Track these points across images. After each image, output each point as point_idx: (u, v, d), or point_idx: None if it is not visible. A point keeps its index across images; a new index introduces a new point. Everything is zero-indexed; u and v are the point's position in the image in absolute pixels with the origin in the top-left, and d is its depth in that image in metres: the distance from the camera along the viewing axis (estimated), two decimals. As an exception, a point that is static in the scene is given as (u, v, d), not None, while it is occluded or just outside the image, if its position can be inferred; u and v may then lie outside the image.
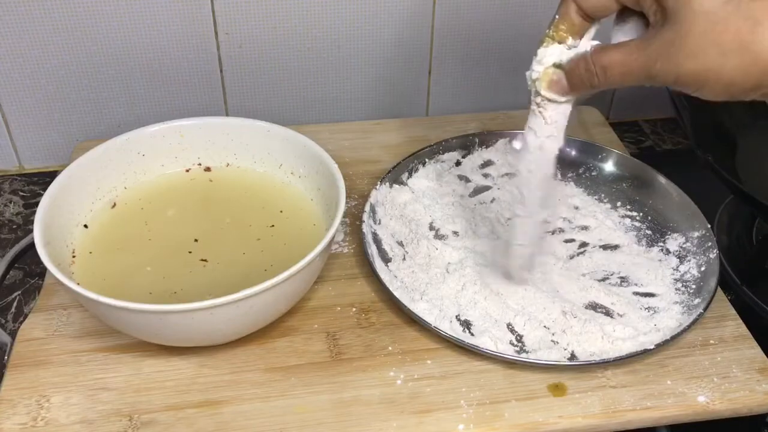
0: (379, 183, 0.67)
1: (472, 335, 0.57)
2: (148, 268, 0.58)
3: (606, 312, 0.59)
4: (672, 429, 0.56)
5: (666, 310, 0.59)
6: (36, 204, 0.57)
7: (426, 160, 0.72)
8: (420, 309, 0.58)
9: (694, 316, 0.57)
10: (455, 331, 0.56)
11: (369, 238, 0.63)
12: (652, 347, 0.54)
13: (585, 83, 0.47)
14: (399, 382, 0.54)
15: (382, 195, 0.67)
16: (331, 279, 0.62)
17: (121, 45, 0.75)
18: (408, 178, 0.70)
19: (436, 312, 0.58)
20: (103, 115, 0.79)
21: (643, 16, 0.45)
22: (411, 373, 0.55)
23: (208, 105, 0.81)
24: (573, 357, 0.55)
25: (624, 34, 0.47)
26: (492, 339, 0.56)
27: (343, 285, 0.62)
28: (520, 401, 0.53)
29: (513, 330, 0.57)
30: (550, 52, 0.48)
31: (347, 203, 0.64)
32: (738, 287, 0.65)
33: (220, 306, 0.49)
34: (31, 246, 0.56)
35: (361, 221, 0.63)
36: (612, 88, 0.47)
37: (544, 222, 0.56)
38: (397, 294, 0.58)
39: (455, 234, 0.66)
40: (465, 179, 0.72)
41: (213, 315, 0.49)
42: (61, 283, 0.49)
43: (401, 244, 0.64)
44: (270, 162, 0.66)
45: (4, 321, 0.64)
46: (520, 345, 0.56)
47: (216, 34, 0.76)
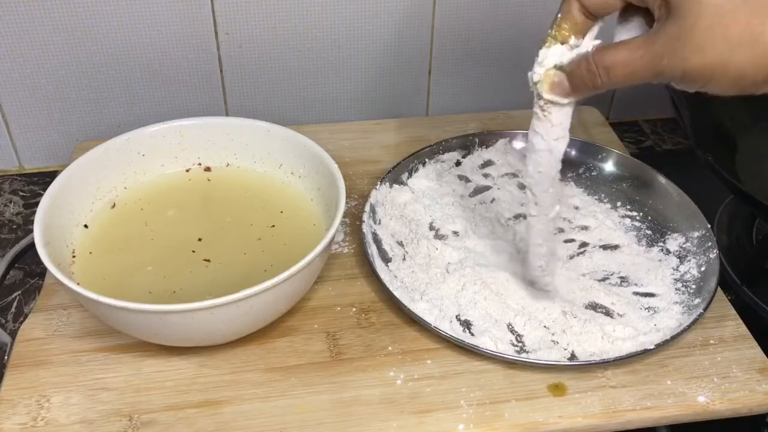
0: (379, 183, 0.67)
1: (472, 335, 0.57)
2: (149, 267, 0.58)
3: (606, 312, 0.59)
4: (672, 429, 0.56)
5: (666, 310, 0.59)
6: (36, 204, 0.57)
7: (426, 160, 0.72)
8: (420, 309, 0.58)
9: (694, 316, 0.57)
10: (455, 331, 0.56)
11: (369, 238, 0.63)
12: (652, 347, 0.54)
13: (587, 84, 0.46)
14: (399, 382, 0.54)
15: (382, 195, 0.67)
16: (331, 279, 0.62)
17: (121, 45, 0.75)
18: (408, 178, 0.70)
19: (436, 312, 0.58)
20: (103, 115, 0.79)
21: (647, 13, 0.45)
22: (411, 373, 0.55)
23: (208, 105, 0.81)
24: (573, 357, 0.55)
25: (627, 31, 0.46)
26: (492, 339, 0.56)
27: (343, 285, 0.62)
28: (520, 401, 0.53)
29: (513, 330, 0.57)
30: (551, 53, 0.47)
31: (347, 203, 0.64)
32: (738, 287, 0.65)
33: (220, 306, 0.49)
34: (31, 246, 0.56)
35: (361, 221, 0.63)
36: (615, 88, 0.45)
37: (555, 219, 0.55)
38: (397, 294, 0.58)
39: (455, 234, 0.66)
40: (465, 179, 0.72)
41: (213, 315, 0.49)
42: (61, 283, 0.49)
43: (401, 244, 0.64)
44: (270, 162, 0.66)
45: (4, 321, 0.64)
46: (520, 345, 0.56)
47: (216, 34, 0.76)
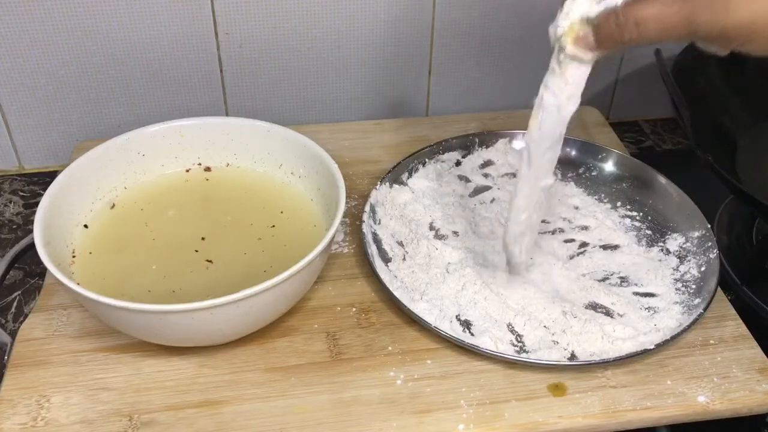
0: (379, 183, 0.67)
1: (472, 335, 0.57)
2: (153, 266, 0.58)
3: (606, 312, 0.59)
4: (672, 429, 0.56)
5: (666, 310, 0.59)
6: (36, 204, 0.57)
7: (426, 160, 0.72)
8: (420, 309, 0.58)
9: (694, 316, 0.57)
10: (455, 331, 0.56)
11: (369, 238, 0.63)
12: (652, 347, 0.54)
13: (615, 39, 0.43)
14: (399, 382, 0.54)
15: (382, 195, 0.67)
16: (331, 279, 0.62)
17: (121, 45, 0.75)
18: (408, 178, 0.70)
19: (436, 312, 0.58)
20: (103, 115, 0.79)
21: None
22: (411, 373, 0.55)
23: (208, 105, 0.81)
24: (573, 357, 0.55)
25: None
26: (492, 339, 0.56)
27: (343, 285, 0.62)
28: (520, 401, 0.53)
29: (513, 330, 0.57)
30: (577, 4, 0.44)
31: (347, 203, 0.64)
32: (738, 287, 0.65)
33: (220, 306, 0.49)
34: (31, 246, 0.56)
35: (361, 221, 0.63)
36: (645, 44, 0.43)
37: (544, 189, 0.54)
38: (397, 294, 0.58)
39: (455, 234, 0.66)
40: (465, 179, 0.72)
41: (213, 315, 0.49)
42: (61, 283, 0.49)
43: (401, 244, 0.64)
44: (270, 162, 0.66)
45: (4, 321, 0.64)
46: (520, 345, 0.56)
47: (216, 34, 0.76)
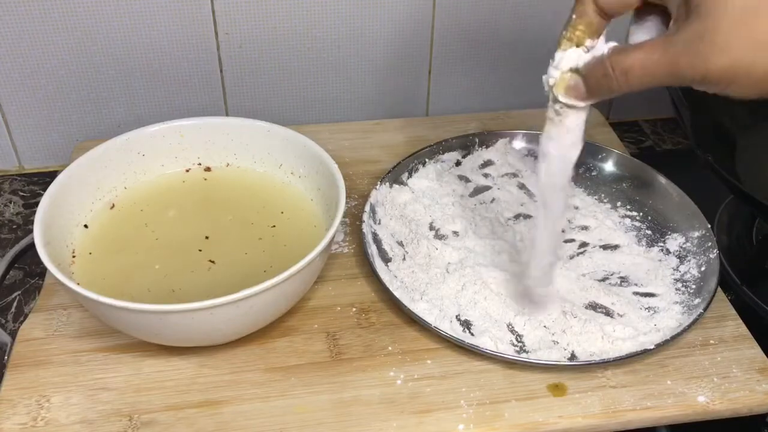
0: (379, 183, 0.67)
1: (472, 335, 0.57)
2: (156, 266, 0.58)
3: (606, 312, 0.59)
4: (672, 429, 0.56)
5: (666, 310, 0.59)
6: (36, 204, 0.57)
7: (426, 160, 0.72)
8: (420, 309, 0.58)
9: (694, 316, 0.57)
10: (455, 331, 0.56)
11: (369, 238, 0.63)
12: (652, 347, 0.54)
13: (604, 88, 0.44)
14: (399, 382, 0.54)
15: (382, 195, 0.67)
16: (331, 279, 0.62)
17: (121, 45, 0.75)
18: (408, 178, 0.70)
19: (436, 312, 0.58)
20: (103, 115, 0.79)
21: (664, 12, 0.43)
22: (411, 373, 0.55)
23: (208, 105, 0.81)
24: (573, 357, 0.55)
25: (643, 32, 0.45)
26: (492, 339, 0.56)
27: (343, 285, 0.62)
28: (520, 401, 0.53)
29: (513, 330, 0.57)
30: (567, 56, 0.46)
31: (347, 203, 0.64)
32: (738, 287, 0.65)
33: (220, 306, 0.48)
34: (31, 246, 0.56)
35: (361, 221, 0.63)
36: (632, 91, 0.44)
37: (562, 229, 0.54)
38: (397, 294, 0.58)
39: (455, 234, 0.66)
40: (465, 179, 0.72)
41: (213, 315, 0.49)
42: (61, 283, 0.49)
43: (401, 244, 0.64)
44: (270, 162, 0.66)
45: (4, 321, 0.64)
46: (520, 345, 0.56)
47: (216, 34, 0.76)
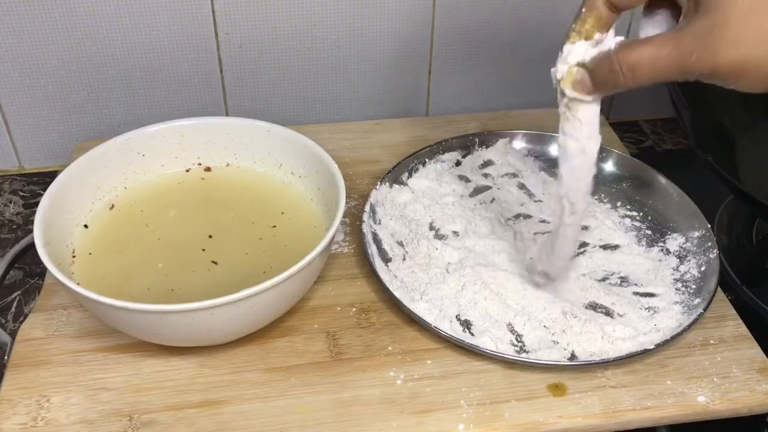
0: (379, 183, 0.67)
1: (472, 335, 0.57)
2: (159, 264, 0.58)
3: (606, 312, 0.59)
4: (672, 429, 0.56)
5: (666, 310, 0.59)
6: (36, 204, 0.57)
7: (426, 160, 0.72)
8: (420, 309, 0.58)
9: (694, 316, 0.57)
10: (455, 331, 0.56)
11: (369, 238, 0.63)
12: (652, 347, 0.54)
13: (610, 83, 0.44)
14: (399, 382, 0.54)
15: (382, 195, 0.67)
16: (331, 279, 0.62)
17: (121, 45, 0.75)
18: (408, 178, 0.70)
19: (436, 312, 0.58)
20: (103, 115, 0.79)
21: (674, 6, 0.43)
22: (411, 373, 0.55)
23: (208, 105, 0.81)
24: (573, 357, 0.55)
25: (653, 26, 0.45)
26: (492, 339, 0.56)
27: (343, 285, 0.62)
28: (520, 401, 0.53)
29: (513, 330, 0.57)
30: (575, 49, 0.45)
31: (347, 203, 0.64)
32: (738, 287, 0.65)
33: (220, 306, 0.48)
34: (31, 246, 0.56)
35: (361, 221, 0.63)
36: (639, 86, 0.44)
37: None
38: (397, 294, 0.58)
39: (455, 234, 0.66)
40: (465, 179, 0.72)
41: (213, 315, 0.49)
42: (61, 283, 0.49)
43: (401, 244, 0.64)
44: (270, 162, 0.66)
45: (4, 321, 0.64)
46: (520, 345, 0.56)
47: (216, 34, 0.76)
